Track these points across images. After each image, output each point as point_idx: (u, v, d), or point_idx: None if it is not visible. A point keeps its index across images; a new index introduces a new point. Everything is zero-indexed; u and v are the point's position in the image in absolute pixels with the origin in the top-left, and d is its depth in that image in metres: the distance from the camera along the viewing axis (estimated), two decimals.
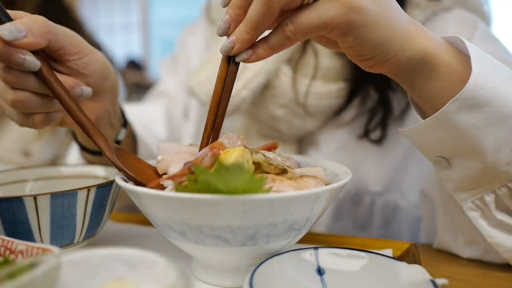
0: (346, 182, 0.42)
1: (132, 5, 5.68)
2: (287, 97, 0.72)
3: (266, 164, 0.44)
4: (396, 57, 0.44)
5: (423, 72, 0.45)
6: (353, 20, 0.40)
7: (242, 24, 0.41)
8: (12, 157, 1.04)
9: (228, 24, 0.42)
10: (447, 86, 0.45)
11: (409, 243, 0.52)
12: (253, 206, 0.36)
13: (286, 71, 0.72)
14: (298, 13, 0.40)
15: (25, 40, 0.41)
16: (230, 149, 0.41)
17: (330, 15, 0.39)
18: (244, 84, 0.71)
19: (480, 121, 0.44)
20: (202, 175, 0.36)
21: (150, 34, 5.61)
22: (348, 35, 0.41)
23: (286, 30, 0.41)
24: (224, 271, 0.44)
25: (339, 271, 0.40)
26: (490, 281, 0.47)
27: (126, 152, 0.48)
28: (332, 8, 0.39)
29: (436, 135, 0.47)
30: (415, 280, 0.36)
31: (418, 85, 0.47)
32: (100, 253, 0.32)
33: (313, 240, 0.56)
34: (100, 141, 0.47)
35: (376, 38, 0.42)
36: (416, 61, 0.45)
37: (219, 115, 0.46)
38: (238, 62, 0.44)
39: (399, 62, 0.44)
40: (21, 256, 0.34)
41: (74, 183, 0.57)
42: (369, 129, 0.73)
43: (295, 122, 0.75)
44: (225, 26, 0.42)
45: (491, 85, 0.43)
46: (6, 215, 0.44)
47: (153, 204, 0.39)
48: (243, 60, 0.43)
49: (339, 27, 0.40)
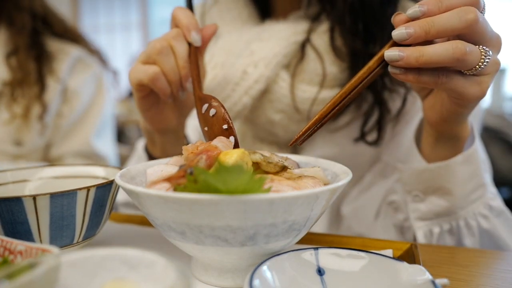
0: (346, 182, 0.42)
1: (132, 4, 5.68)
2: (284, 102, 0.73)
3: (265, 163, 0.44)
4: (458, 128, 0.56)
5: (452, 141, 0.59)
6: (477, 103, 0.50)
7: (426, 24, 0.43)
8: (3, 147, 1.05)
9: (409, 37, 0.44)
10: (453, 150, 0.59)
11: (409, 243, 0.52)
12: (253, 206, 0.36)
13: (285, 77, 0.73)
14: (457, 74, 0.46)
15: None
16: (230, 151, 0.41)
17: (471, 93, 0.47)
18: (245, 91, 0.72)
19: (465, 173, 0.58)
20: (202, 175, 0.35)
21: (149, 34, 5.61)
22: (462, 106, 0.50)
23: (439, 79, 0.46)
24: (224, 271, 0.44)
25: (339, 271, 0.40)
26: (491, 281, 0.47)
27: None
28: (476, 92, 0.47)
29: (430, 176, 0.60)
30: (415, 280, 0.36)
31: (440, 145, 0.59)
32: (100, 253, 0.32)
33: (313, 240, 0.56)
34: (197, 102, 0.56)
35: (467, 115, 0.54)
36: (457, 137, 0.58)
37: (346, 100, 0.49)
38: (387, 68, 0.47)
39: (455, 130, 0.57)
40: (21, 257, 0.34)
41: (74, 183, 0.57)
42: (365, 132, 0.73)
43: (291, 127, 0.75)
44: (406, 36, 0.44)
45: (478, 153, 0.59)
46: (5, 215, 0.44)
47: (153, 204, 0.39)
48: (395, 74, 0.46)
49: (468, 102, 0.49)
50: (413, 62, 0.44)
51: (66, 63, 1.13)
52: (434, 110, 0.55)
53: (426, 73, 0.46)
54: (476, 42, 0.45)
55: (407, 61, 0.44)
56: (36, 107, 1.07)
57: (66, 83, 1.13)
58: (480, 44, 0.45)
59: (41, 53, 1.10)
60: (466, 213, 0.61)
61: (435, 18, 0.43)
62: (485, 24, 0.44)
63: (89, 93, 1.17)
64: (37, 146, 1.09)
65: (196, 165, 0.42)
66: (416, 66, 0.44)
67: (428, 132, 0.60)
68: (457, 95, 0.48)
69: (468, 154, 0.58)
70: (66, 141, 1.14)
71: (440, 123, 0.56)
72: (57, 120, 1.12)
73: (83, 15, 5.74)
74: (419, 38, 0.44)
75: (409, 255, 0.49)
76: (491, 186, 0.65)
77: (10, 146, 1.05)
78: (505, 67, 3.07)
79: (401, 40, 0.45)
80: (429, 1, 0.44)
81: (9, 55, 1.07)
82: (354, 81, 0.48)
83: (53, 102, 1.10)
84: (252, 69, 0.73)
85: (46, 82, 1.09)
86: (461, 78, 0.46)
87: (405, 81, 0.47)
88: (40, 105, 1.07)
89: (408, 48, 0.44)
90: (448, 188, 0.60)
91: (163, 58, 0.56)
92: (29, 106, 1.05)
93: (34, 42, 1.10)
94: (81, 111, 1.16)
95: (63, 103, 1.13)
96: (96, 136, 1.17)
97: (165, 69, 0.56)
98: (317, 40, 0.72)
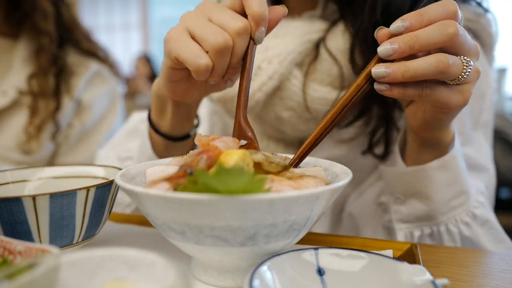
0: (347, 182, 0.42)
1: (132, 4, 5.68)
2: (295, 100, 0.73)
3: (267, 163, 0.44)
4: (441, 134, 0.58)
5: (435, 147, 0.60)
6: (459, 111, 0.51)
7: (410, 39, 0.44)
8: (10, 155, 1.04)
9: (394, 52, 0.45)
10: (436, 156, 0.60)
11: (409, 243, 0.52)
12: (253, 206, 0.36)
13: (297, 75, 0.72)
14: (440, 85, 0.47)
15: None
16: (231, 151, 0.41)
17: (454, 102, 0.48)
18: (258, 87, 0.72)
19: (442, 179, 0.59)
20: (202, 177, 0.35)
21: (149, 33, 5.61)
22: (444, 114, 0.51)
23: (424, 91, 0.47)
24: (224, 271, 0.44)
25: (339, 271, 0.39)
26: (491, 281, 0.47)
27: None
28: (458, 100, 0.48)
29: (409, 180, 0.62)
30: (415, 280, 0.36)
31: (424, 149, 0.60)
32: (100, 253, 0.32)
33: (313, 240, 0.56)
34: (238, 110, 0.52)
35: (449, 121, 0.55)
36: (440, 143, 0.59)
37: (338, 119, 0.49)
38: (373, 85, 0.47)
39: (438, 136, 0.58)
40: (20, 257, 0.33)
41: (74, 183, 0.57)
42: (373, 143, 0.73)
43: (300, 125, 0.75)
44: (392, 52, 0.45)
45: (457, 160, 0.60)
46: (5, 216, 0.44)
47: (152, 204, 0.39)
48: (380, 90, 0.47)
49: (450, 111, 0.50)
50: (399, 77, 0.45)
51: (84, 78, 1.12)
52: (416, 117, 0.56)
53: (411, 86, 0.46)
54: (457, 53, 0.46)
55: (394, 77, 0.45)
56: (50, 126, 1.06)
57: (80, 97, 1.12)
58: (461, 55, 0.46)
59: (62, 68, 1.09)
60: (447, 219, 0.62)
61: (418, 33, 0.44)
62: (464, 35, 0.45)
63: (102, 107, 1.17)
64: (44, 156, 1.08)
65: (196, 165, 0.41)
66: (402, 81, 0.45)
67: (412, 138, 0.61)
68: (441, 105, 0.49)
69: (444, 161, 0.59)
70: (72, 152, 1.13)
71: (422, 129, 0.57)
72: (67, 131, 1.11)
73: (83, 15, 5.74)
74: (404, 53, 0.44)
75: (409, 255, 0.49)
76: (480, 195, 0.66)
77: (17, 154, 1.04)
78: (506, 67, 3.07)
79: (386, 56, 0.45)
80: (410, 16, 0.45)
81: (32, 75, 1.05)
82: (344, 100, 0.48)
83: (65, 118, 1.09)
84: (266, 65, 0.72)
85: (62, 100, 1.08)
86: (444, 88, 0.47)
87: (391, 97, 0.48)
88: (54, 125, 1.06)
89: (393, 64, 0.45)
90: (426, 193, 0.61)
91: (220, 58, 0.49)
92: (42, 124, 1.04)
93: (57, 57, 1.08)
94: (91, 124, 1.15)
95: (75, 115, 1.12)
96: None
97: (216, 67, 0.50)
98: (332, 40, 0.71)
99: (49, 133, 1.06)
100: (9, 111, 1.05)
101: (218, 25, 0.49)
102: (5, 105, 1.04)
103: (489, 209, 0.67)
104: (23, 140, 1.03)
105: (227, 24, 0.49)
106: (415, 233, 0.64)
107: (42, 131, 1.04)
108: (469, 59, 0.46)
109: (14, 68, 1.07)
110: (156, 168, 0.48)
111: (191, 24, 0.50)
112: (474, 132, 0.74)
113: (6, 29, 1.10)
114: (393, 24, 0.45)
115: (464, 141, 0.71)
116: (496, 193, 0.78)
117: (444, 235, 0.63)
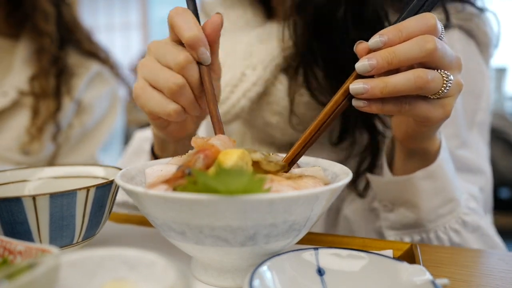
0: (346, 182, 0.42)
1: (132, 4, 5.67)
2: (281, 105, 0.73)
3: (265, 161, 0.44)
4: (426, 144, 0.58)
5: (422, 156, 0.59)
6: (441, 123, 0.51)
7: (388, 54, 0.44)
8: (11, 156, 1.04)
9: (372, 68, 0.44)
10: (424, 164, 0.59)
11: (409, 244, 0.52)
12: (253, 206, 0.36)
13: (283, 80, 0.73)
14: (420, 100, 0.47)
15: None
16: (229, 151, 0.41)
17: (435, 116, 0.48)
18: (243, 93, 0.72)
19: (428, 188, 0.59)
20: (202, 178, 0.35)
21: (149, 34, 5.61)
22: (426, 127, 0.51)
23: (403, 107, 0.46)
24: (224, 271, 0.44)
25: (339, 271, 0.39)
26: (491, 281, 0.47)
27: None
28: (440, 114, 0.48)
29: (395, 189, 0.63)
30: (415, 280, 0.36)
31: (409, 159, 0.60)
32: (100, 253, 0.32)
33: (313, 240, 0.56)
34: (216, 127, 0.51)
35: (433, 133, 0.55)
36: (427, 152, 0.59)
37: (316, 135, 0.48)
38: (351, 102, 0.46)
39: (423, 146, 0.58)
40: (20, 257, 0.33)
41: (74, 183, 0.57)
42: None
43: (289, 130, 0.75)
44: (369, 68, 0.44)
45: (444, 169, 0.59)
46: (5, 216, 0.44)
47: (152, 204, 0.39)
48: (359, 106, 0.46)
49: (432, 124, 0.50)
50: (377, 93, 0.44)
51: (84, 79, 1.12)
52: (400, 129, 0.56)
53: (390, 102, 0.46)
54: (436, 67, 0.46)
55: (372, 93, 0.44)
56: (51, 126, 1.06)
57: (81, 98, 1.12)
58: (441, 69, 0.46)
59: (63, 69, 1.09)
60: (436, 226, 0.62)
61: (396, 48, 0.44)
62: (444, 50, 0.45)
63: (102, 108, 1.17)
64: (44, 157, 1.08)
65: (193, 165, 0.41)
66: (380, 97, 0.45)
67: (398, 148, 0.62)
68: (422, 119, 0.49)
69: (430, 170, 0.59)
70: (72, 153, 1.13)
71: (406, 140, 0.57)
72: (67, 132, 1.11)
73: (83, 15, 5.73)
74: (382, 69, 0.44)
75: (409, 255, 0.49)
76: (471, 201, 0.66)
77: (17, 155, 1.04)
78: (505, 67, 3.07)
79: (364, 72, 0.45)
80: (389, 30, 0.44)
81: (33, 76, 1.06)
82: (322, 117, 0.48)
83: (65, 118, 1.09)
84: (250, 71, 0.72)
85: (62, 101, 1.08)
86: (425, 103, 0.47)
87: (369, 112, 0.47)
88: (55, 125, 1.06)
89: (371, 80, 0.45)
90: (413, 201, 0.61)
91: (181, 97, 0.51)
92: (43, 125, 1.04)
93: (57, 57, 1.08)
94: (91, 125, 1.15)
95: (76, 116, 1.12)
96: (103, 151, 1.17)
97: (184, 105, 0.52)
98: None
99: (50, 134, 1.06)
100: (9, 111, 1.05)
101: (166, 66, 0.51)
102: (5, 106, 1.04)
103: (481, 214, 0.66)
104: (25, 141, 1.03)
105: (171, 63, 0.50)
106: (405, 239, 0.64)
107: (43, 132, 1.04)
108: (450, 73, 0.46)
109: (15, 68, 1.07)
110: (155, 168, 0.48)
111: (146, 74, 0.52)
112: (470, 133, 0.73)
113: (6, 30, 1.10)
114: (372, 39, 0.45)
115: (459, 144, 0.71)
116: (496, 193, 0.79)
117: (434, 242, 0.63)
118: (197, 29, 0.49)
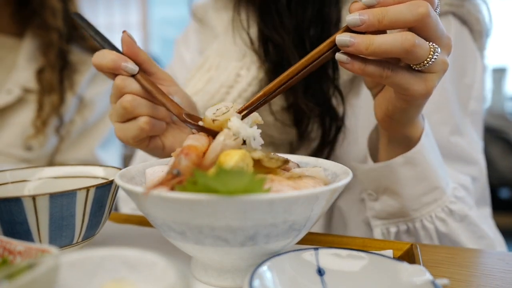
0: (346, 182, 0.42)
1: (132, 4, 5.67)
2: (278, 104, 0.73)
3: (267, 158, 0.44)
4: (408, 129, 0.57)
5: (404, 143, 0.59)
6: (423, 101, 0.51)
7: (380, 12, 0.44)
8: (13, 152, 1.06)
9: (362, 23, 0.44)
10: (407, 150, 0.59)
11: (409, 244, 0.52)
12: (253, 206, 0.36)
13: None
14: (403, 69, 0.46)
15: None
16: (230, 151, 0.41)
17: (417, 90, 0.47)
18: (238, 94, 0.72)
19: (408, 175, 0.59)
20: (202, 178, 0.35)
21: (149, 33, 5.61)
22: (406, 102, 0.50)
23: (384, 72, 0.46)
24: (224, 272, 0.44)
25: (339, 271, 0.39)
26: (491, 281, 0.47)
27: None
28: (421, 89, 0.47)
29: (376, 176, 0.63)
30: (415, 280, 0.36)
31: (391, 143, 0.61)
32: (99, 253, 0.32)
33: (313, 240, 0.56)
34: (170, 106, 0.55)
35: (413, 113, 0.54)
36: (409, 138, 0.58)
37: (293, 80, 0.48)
38: (334, 56, 0.46)
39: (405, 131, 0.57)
40: (20, 257, 0.33)
41: (74, 183, 0.57)
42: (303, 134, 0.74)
43: (286, 128, 0.75)
44: (359, 22, 0.44)
45: (425, 156, 0.59)
46: (4, 216, 0.43)
47: (152, 204, 0.39)
48: (341, 61, 0.46)
49: (412, 99, 0.49)
50: (362, 49, 0.44)
51: (86, 75, 1.13)
52: (381, 107, 0.56)
53: (372, 64, 0.46)
54: (426, 37, 0.45)
55: (357, 48, 0.44)
56: (54, 120, 1.08)
57: (82, 94, 1.13)
58: (430, 40, 0.46)
59: (66, 64, 1.11)
60: (422, 215, 0.62)
61: (389, 8, 0.44)
62: (436, 21, 0.45)
63: (103, 105, 1.18)
64: (46, 152, 1.09)
65: (179, 165, 0.41)
66: (366, 54, 0.45)
67: (381, 133, 0.62)
68: (402, 91, 0.48)
69: (409, 156, 0.58)
70: (72, 149, 1.14)
71: (386, 120, 0.56)
72: (68, 127, 1.12)
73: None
74: (371, 26, 0.44)
75: (409, 255, 0.49)
76: (460, 189, 0.65)
77: (20, 151, 1.05)
78: (505, 67, 3.07)
79: (354, 25, 0.44)
80: (368, 13, 0.45)
81: (40, 70, 1.07)
82: (304, 61, 0.47)
83: (68, 114, 1.11)
84: (245, 71, 0.73)
85: (65, 96, 1.10)
86: (407, 73, 0.47)
87: (351, 71, 0.47)
88: (58, 118, 1.08)
89: (359, 35, 0.44)
90: (394, 188, 0.61)
91: (138, 108, 0.55)
92: (47, 118, 1.06)
93: (64, 51, 1.10)
94: (92, 121, 1.16)
95: (77, 111, 1.14)
96: (102, 147, 1.17)
97: (149, 113, 0.56)
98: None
99: (53, 127, 1.08)
100: (13, 108, 1.07)
101: (115, 99, 0.57)
102: (9, 103, 1.05)
103: (469, 204, 0.66)
104: (30, 134, 1.05)
105: (114, 92, 0.57)
106: (391, 229, 0.64)
107: (47, 125, 1.06)
108: (438, 46, 0.46)
109: (19, 66, 1.08)
110: (156, 168, 0.48)
111: (113, 119, 0.59)
112: (463, 120, 0.73)
113: (11, 29, 1.11)
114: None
115: (453, 130, 0.71)
116: (496, 193, 0.79)
117: (420, 232, 0.63)
118: (110, 54, 0.55)
